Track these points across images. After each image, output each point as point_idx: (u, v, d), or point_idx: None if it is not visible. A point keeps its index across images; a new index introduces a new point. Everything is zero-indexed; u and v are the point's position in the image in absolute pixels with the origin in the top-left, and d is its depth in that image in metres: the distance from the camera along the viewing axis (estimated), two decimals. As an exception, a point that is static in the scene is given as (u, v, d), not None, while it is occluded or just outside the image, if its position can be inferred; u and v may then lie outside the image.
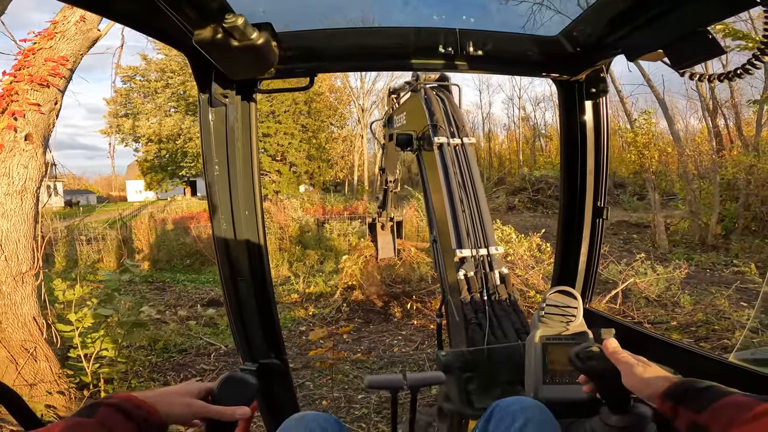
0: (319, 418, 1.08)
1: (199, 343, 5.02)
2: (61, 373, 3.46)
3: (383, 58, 1.49)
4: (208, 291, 7.83)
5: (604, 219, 1.67)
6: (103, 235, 10.80)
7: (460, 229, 1.93)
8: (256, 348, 1.49)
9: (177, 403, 0.87)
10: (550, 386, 1.26)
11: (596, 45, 1.32)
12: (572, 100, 1.59)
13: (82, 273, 7.76)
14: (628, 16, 1.12)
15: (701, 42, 0.99)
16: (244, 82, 1.32)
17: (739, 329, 4.24)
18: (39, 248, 3.60)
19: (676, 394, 0.81)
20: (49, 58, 3.46)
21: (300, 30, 1.32)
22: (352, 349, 4.72)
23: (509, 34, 1.42)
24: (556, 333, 1.30)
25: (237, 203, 1.37)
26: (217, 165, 1.34)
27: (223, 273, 1.43)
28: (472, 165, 2.07)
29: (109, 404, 0.77)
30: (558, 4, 1.31)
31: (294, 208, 13.70)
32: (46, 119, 3.50)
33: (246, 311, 1.46)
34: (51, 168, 4.08)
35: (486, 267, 1.90)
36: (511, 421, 1.00)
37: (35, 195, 3.50)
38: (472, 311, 1.80)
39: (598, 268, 1.75)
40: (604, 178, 1.65)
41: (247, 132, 1.37)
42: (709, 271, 7.98)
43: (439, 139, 2.08)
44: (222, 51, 1.03)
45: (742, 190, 10.96)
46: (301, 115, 28.80)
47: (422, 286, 6.54)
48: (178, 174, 29.05)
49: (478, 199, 2.00)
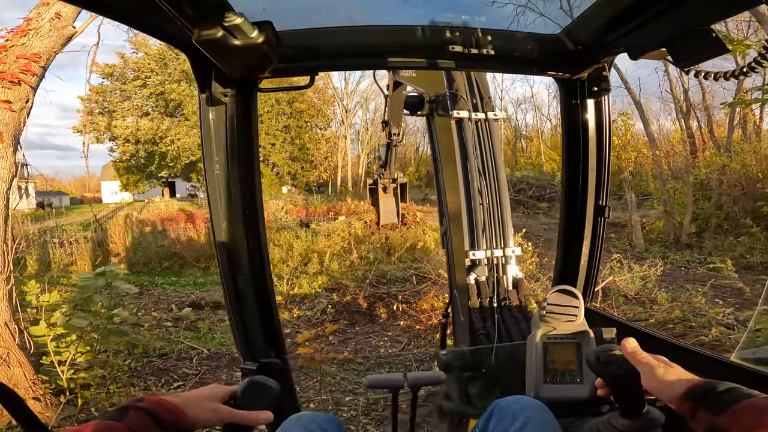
0: (318, 419, 1.08)
1: (180, 347, 4.88)
2: (35, 378, 3.34)
3: (384, 56, 1.47)
4: (189, 294, 7.66)
5: (606, 218, 1.65)
6: (77, 238, 10.44)
7: (476, 227, 1.76)
8: (256, 347, 1.48)
9: (204, 407, 0.88)
10: (550, 385, 1.25)
11: (598, 43, 1.31)
12: (574, 98, 1.58)
13: (56, 277, 7.47)
14: (631, 14, 1.11)
15: (704, 40, 0.99)
16: (244, 81, 1.31)
17: (715, 326, 4.38)
18: (10, 251, 3.48)
19: (696, 396, 0.80)
20: (21, 55, 3.34)
21: (300, 28, 1.31)
22: (338, 351, 4.68)
23: (511, 32, 1.41)
24: (557, 332, 1.29)
25: (237, 201, 1.37)
26: (217, 164, 1.33)
27: (223, 271, 1.42)
28: (496, 146, 1.81)
29: (138, 408, 0.77)
30: (560, 1, 1.31)
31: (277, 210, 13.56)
32: (17, 117, 3.37)
33: (246, 310, 1.46)
34: (22, 168, 3.91)
35: (499, 270, 1.79)
36: (512, 421, 0.99)
37: (5, 196, 3.36)
38: (480, 319, 1.73)
39: (599, 268, 1.74)
40: (606, 176, 1.63)
41: (247, 130, 1.36)
42: (683, 268, 8.24)
43: (458, 113, 1.80)
44: (222, 50, 1.01)
45: (714, 190, 11.36)
46: (284, 116, 28.52)
47: (407, 287, 6.55)
48: (156, 175, 28.36)
49: (499, 189, 1.78)
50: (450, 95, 1.89)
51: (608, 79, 1.51)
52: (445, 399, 1.63)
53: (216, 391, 0.93)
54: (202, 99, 1.28)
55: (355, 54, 1.44)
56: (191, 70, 1.24)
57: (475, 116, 1.83)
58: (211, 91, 1.25)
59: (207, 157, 1.33)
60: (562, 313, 1.29)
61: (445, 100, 1.90)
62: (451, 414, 1.60)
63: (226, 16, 0.91)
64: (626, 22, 1.15)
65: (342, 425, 1.13)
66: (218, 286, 7.22)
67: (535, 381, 1.26)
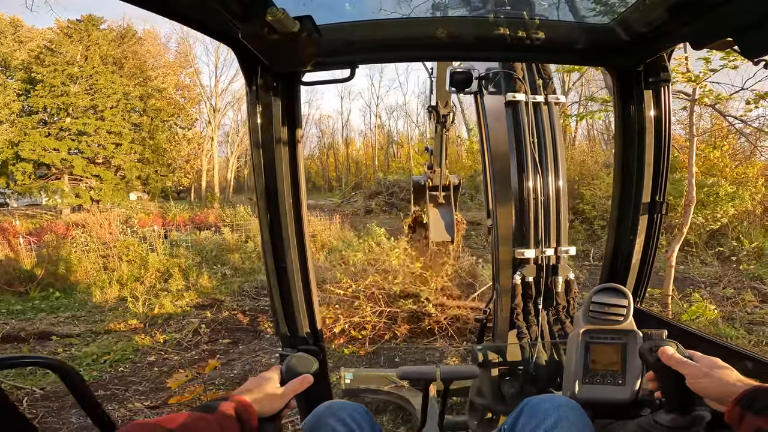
0: (347, 407, 1.11)
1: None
2: None
3: (427, 48, 1.44)
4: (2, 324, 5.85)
5: (663, 214, 1.57)
6: None
7: (526, 222, 1.61)
8: (295, 334, 1.52)
9: (270, 399, 1.00)
10: (589, 386, 1.19)
11: (657, 32, 1.23)
12: (629, 90, 1.50)
13: None
14: (692, 1, 1.03)
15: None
16: (287, 75, 1.35)
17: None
18: None
19: (745, 400, 0.81)
20: None
21: (340, 22, 1.33)
22: (223, 376, 4.06)
23: (560, 22, 1.36)
24: (601, 331, 1.22)
25: (282, 191, 1.40)
26: (263, 156, 1.37)
27: (266, 260, 1.46)
28: (557, 133, 1.63)
29: (227, 405, 0.88)
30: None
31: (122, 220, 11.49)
32: None
33: (287, 299, 1.49)
34: None
35: (549, 270, 1.65)
36: (543, 419, 0.97)
37: None
38: (524, 323, 1.63)
39: (652, 267, 1.65)
40: (664, 171, 1.56)
41: (291, 123, 1.39)
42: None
43: (514, 95, 1.61)
44: (266, 44, 1.09)
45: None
46: (134, 113, 24.60)
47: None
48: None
49: (558, 182, 1.61)
50: (504, 74, 1.67)
51: (668, 69, 1.43)
52: (477, 394, 1.61)
53: (273, 384, 1.04)
54: (249, 93, 1.32)
55: (396, 46, 1.43)
56: (239, 66, 1.27)
57: (533, 99, 1.64)
58: (257, 86, 1.29)
59: (254, 150, 1.37)
60: (609, 312, 1.22)
61: (498, 78, 1.69)
62: (482, 409, 1.59)
63: (269, 11, 0.95)
64: (688, 10, 1.06)
65: (371, 414, 1.14)
66: (43, 312, 6.57)
67: (573, 380, 1.20)
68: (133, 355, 4.72)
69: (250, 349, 4.80)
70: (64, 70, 21.44)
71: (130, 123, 23.70)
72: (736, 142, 8.25)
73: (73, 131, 21.47)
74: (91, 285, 7.61)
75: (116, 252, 8.48)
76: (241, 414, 0.88)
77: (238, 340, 5.11)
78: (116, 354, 4.72)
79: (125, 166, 23.18)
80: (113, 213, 12.31)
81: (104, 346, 4.96)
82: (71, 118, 21.58)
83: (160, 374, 4.21)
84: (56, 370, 0.88)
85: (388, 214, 18.58)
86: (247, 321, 5.61)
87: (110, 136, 22.51)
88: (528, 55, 1.55)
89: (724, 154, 7.79)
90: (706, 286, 6.20)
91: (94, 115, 22.29)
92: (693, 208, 4.65)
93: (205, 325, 5.36)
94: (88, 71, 22.04)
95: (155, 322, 5.74)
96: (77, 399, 0.88)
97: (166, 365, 4.45)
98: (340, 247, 9.02)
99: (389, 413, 2.96)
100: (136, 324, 5.67)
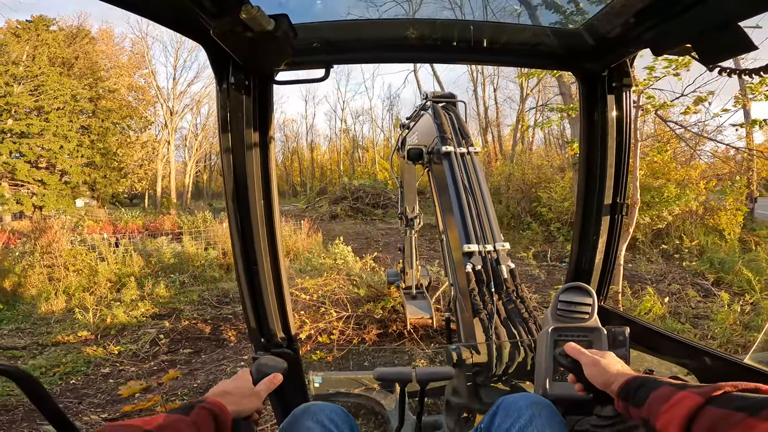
0: (326, 409, 1.09)
1: None
2: None
3: (400, 50, 1.46)
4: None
5: (623, 215, 1.64)
6: None
7: (468, 226, 2.08)
8: (267, 337, 1.51)
9: (246, 403, 1.02)
10: (560, 383, 1.21)
11: (621, 38, 1.27)
12: (594, 94, 1.55)
13: None
14: (655, 9, 1.07)
15: (731, 37, 0.96)
16: (260, 73, 1.33)
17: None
18: None
19: (624, 392, 0.87)
20: None
21: (316, 21, 1.32)
22: (185, 386, 3.86)
23: (530, 26, 1.37)
24: (568, 330, 1.25)
25: (252, 192, 1.37)
26: (233, 155, 1.34)
27: (237, 262, 1.44)
28: (478, 171, 2.29)
29: (202, 406, 0.89)
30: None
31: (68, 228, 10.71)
32: None
33: (258, 301, 1.47)
34: None
35: (493, 262, 2.04)
36: (517, 417, 0.99)
37: None
38: (481, 302, 1.89)
39: (614, 266, 1.72)
40: (624, 173, 1.61)
41: (263, 123, 1.37)
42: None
43: (447, 148, 2.29)
44: (239, 42, 1.05)
45: (503, 194, 14.23)
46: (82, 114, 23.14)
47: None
48: None
49: (484, 200, 2.19)
50: (440, 138, 2.36)
51: (630, 74, 1.48)
52: (453, 394, 1.64)
53: (247, 384, 1.08)
54: (219, 92, 1.29)
55: (371, 47, 1.45)
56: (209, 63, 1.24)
57: (460, 150, 2.31)
58: (228, 84, 1.26)
59: (224, 150, 1.34)
60: (575, 310, 1.26)
61: (438, 148, 2.35)
62: (458, 408, 1.61)
63: (243, 9, 0.92)
64: (649, 17, 1.11)
65: (350, 416, 1.13)
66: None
67: (545, 378, 1.22)
68: (85, 367, 4.43)
69: (213, 359, 4.60)
70: (7, 71, 20.01)
71: (77, 125, 22.29)
72: (677, 146, 8.89)
73: (15, 132, 19.94)
74: (35, 296, 7.05)
75: (62, 261, 7.91)
76: (217, 414, 0.89)
77: (200, 350, 4.89)
78: (67, 366, 4.42)
79: (71, 171, 21.73)
80: (59, 220, 11.42)
81: (53, 359, 4.63)
82: (14, 120, 20.03)
83: (115, 386, 3.96)
84: (12, 376, 0.83)
85: (354, 219, 18.52)
86: (209, 330, 5.38)
87: (55, 138, 21.07)
88: (499, 59, 1.63)
89: (668, 157, 8.36)
90: (653, 282, 6.58)
91: (39, 116, 20.82)
92: (638, 209, 4.97)
93: (163, 336, 5.09)
94: (35, 71, 20.65)
95: (108, 334, 5.38)
96: (38, 406, 0.84)
97: (122, 377, 4.20)
98: (308, 256, 8.89)
99: (361, 417, 2.94)
100: (87, 335, 5.30)
